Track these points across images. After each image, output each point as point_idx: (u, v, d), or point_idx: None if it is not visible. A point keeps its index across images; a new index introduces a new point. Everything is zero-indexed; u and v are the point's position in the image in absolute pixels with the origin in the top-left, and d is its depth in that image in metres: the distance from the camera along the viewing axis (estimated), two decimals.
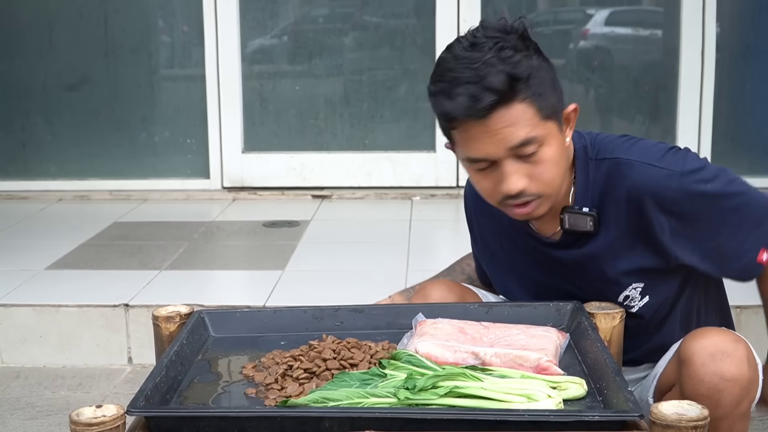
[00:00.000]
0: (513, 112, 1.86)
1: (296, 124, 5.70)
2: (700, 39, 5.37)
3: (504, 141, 1.87)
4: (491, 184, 1.96)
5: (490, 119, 1.86)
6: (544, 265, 2.18)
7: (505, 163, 1.90)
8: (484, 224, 2.31)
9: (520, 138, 1.87)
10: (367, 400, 1.60)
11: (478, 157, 1.92)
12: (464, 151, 1.95)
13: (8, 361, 3.70)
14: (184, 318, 1.98)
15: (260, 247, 4.62)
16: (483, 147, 1.90)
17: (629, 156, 2.02)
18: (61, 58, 5.69)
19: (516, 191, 1.92)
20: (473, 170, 1.98)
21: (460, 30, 5.41)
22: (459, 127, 1.91)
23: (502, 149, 1.89)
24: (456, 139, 1.96)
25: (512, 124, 1.87)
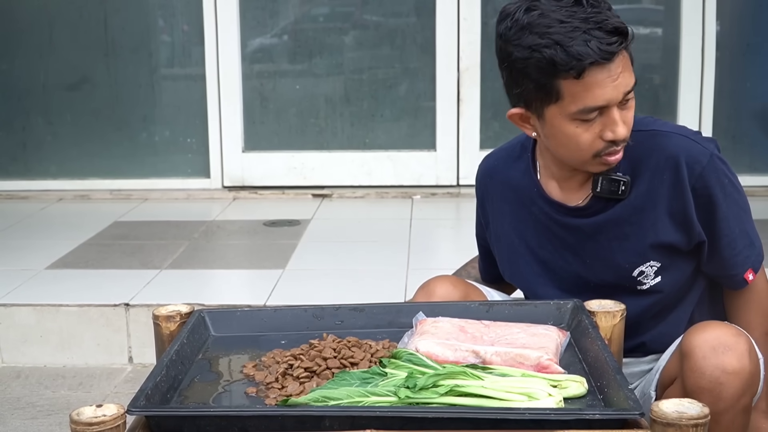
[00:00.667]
0: (625, 58, 1.98)
1: (297, 123, 5.70)
2: (700, 37, 5.37)
3: (623, 85, 1.97)
4: (593, 136, 2.01)
5: (613, 63, 1.95)
6: (557, 239, 2.20)
7: (614, 110, 1.98)
8: (495, 206, 2.33)
9: (633, 82, 2.00)
10: (367, 399, 1.60)
11: (597, 105, 1.97)
12: (582, 101, 1.97)
13: (8, 360, 3.70)
14: (185, 317, 1.98)
15: (261, 246, 4.62)
16: (606, 92, 1.96)
17: (667, 128, 2.13)
18: (62, 58, 5.69)
19: (625, 137, 2.00)
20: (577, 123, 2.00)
21: (461, 29, 5.41)
22: (583, 75, 1.94)
23: (621, 94, 1.97)
24: (570, 90, 1.97)
25: (627, 69, 1.98)
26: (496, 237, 2.34)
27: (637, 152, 2.10)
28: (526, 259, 2.27)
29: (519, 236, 2.27)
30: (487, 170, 2.37)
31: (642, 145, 2.10)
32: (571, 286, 2.20)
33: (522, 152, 2.28)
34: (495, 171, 2.33)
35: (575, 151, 2.05)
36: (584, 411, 1.56)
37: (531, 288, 2.29)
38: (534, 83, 2.01)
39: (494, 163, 2.35)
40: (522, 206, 2.25)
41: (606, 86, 1.95)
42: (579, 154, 2.05)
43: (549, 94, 2.00)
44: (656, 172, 2.08)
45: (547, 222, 2.21)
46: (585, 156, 2.04)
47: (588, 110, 1.97)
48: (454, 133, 5.52)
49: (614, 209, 2.12)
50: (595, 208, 2.14)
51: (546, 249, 2.23)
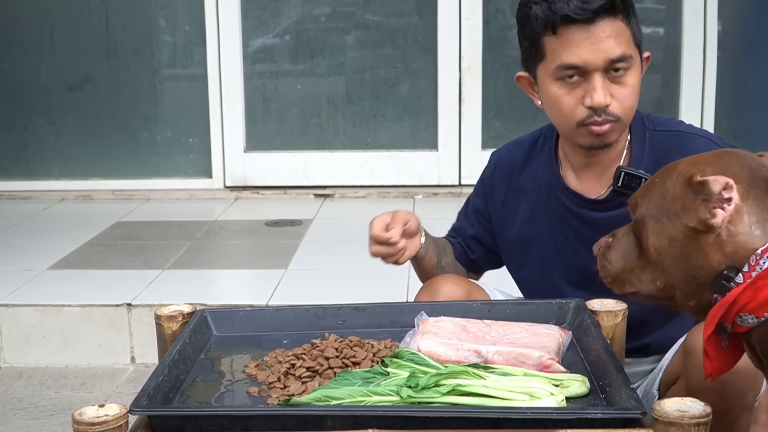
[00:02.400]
0: (616, 26, 1.99)
1: (298, 123, 5.70)
2: (702, 36, 5.37)
3: (605, 50, 1.98)
4: (575, 100, 2.03)
5: (596, 26, 1.97)
6: (571, 230, 2.20)
7: (596, 76, 2.00)
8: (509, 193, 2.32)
9: (620, 52, 1.99)
10: (369, 399, 1.60)
11: (574, 63, 2.00)
12: (559, 57, 2.02)
13: (11, 361, 3.70)
14: (187, 317, 1.98)
15: (263, 246, 4.62)
16: (583, 53, 1.99)
17: (692, 130, 2.15)
18: (63, 58, 5.69)
19: (603, 104, 2.01)
20: (559, 84, 2.04)
21: (462, 28, 5.42)
22: (560, 31, 1.99)
23: (601, 59, 1.99)
24: (551, 47, 2.03)
25: (614, 37, 1.99)
26: (503, 224, 2.33)
27: (660, 151, 2.11)
28: (535, 247, 2.27)
29: (532, 224, 2.27)
30: (507, 156, 2.35)
31: (666, 144, 2.11)
32: (579, 279, 2.20)
33: (544, 142, 2.29)
34: (515, 158, 2.32)
35: (560, 117, 2.08)
36: (586, 410, 1.55)
37: (537, 277, 2.29)
38: (528, 41, 2.09)
39: (516, 150, 2.34)
40: (539, 195, 2.25)
41: (582, 46, 1.99)
42: (564, 120, 2.08)
43: (537, 52, 2.07)
44: None
45: (563, 212, 2.21)
46: (570, 123, 2.07)
47: (563, 67, 2.01)
48: (455, 133, 5.52)
49: None
50: (614, 203, 2.14)
51: (558, 240, 2.23)
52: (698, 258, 1.52)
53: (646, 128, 2.17)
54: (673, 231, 1.53)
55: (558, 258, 2.24)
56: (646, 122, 2.18)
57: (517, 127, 5.22)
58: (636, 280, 1.62)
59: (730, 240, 1.49)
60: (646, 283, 1.61)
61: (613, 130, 2.06)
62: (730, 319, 1.49)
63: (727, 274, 1.50)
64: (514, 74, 2.22)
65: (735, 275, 1.49)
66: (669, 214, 1.54)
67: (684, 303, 1.58)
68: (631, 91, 2.04)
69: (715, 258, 1.50)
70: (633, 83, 2.04)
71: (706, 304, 1.53)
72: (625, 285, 1.65)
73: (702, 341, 1.86)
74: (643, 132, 2.16)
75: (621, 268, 1.65)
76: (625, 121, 2.07)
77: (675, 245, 1.53)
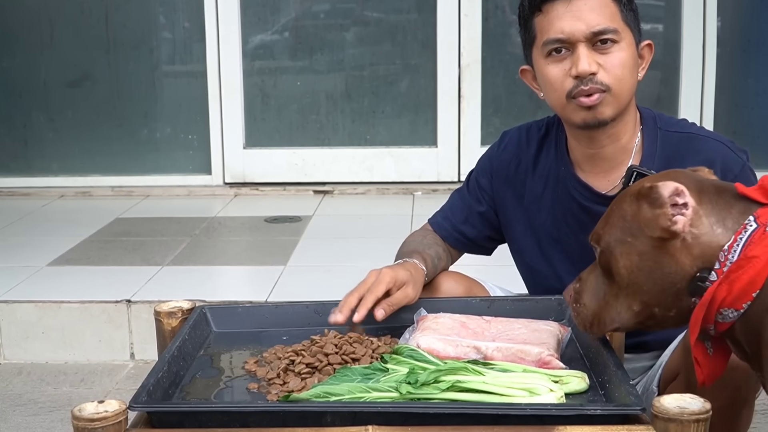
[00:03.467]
0: (603, 4, 2.04)
1: (298, 119, 5.70)
2: (701, 33, 5.37)
3: (585, 22, 2.02)
4: (562, 72, 2.07)
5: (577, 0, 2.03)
6: (576, 222, 2.20)
7: (581, 46, 2.04)
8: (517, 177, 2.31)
9: (602, 24, 2.03)
10: (369, 395, 1.60)
11: (557, 36, 2.05)
12: (546, 33, 2.07)
13: (10, 357, 3.70)
14: (186, 313, 1.98)
15: (262, 242, 4.62)
16: (565, 25, 2.04)
17: (704, 133, 2.17)
18: (63, 55, 5.69)
19: (587, 72, 2.03)
20: (547, 59, 2.09)
21: (461, 25, 5.41)
22: (545, 8, 2.06)
23: (582, 30, 2.03)
24: (539, 26, 2.09)
25: (596, 10, 2.04)
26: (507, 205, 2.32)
27: (672, 152, 2.12)
28: (538, 234, 2.27)
29: (536, 211, 2.26)
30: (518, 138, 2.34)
31: (678, 146, 2.12)
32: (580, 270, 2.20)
33: (550, 130, 2.29)
34: (526, 141, 2.32)
35: (552, 93, 2.10)
36: (585, 406, 1.56)
37: (537, 263, 2.29)
38: (522, 28, 2.16)
39: (527, 133, 2.33)
40: (547, 182, 2.25)
41: (564, 19, 2.04)
42: (555, 95, 2.09)
43: (529, 36, 2.13)
44: None
45: (570, 203, 2.20)
46: (561, 97, 2.08)
47: (550, 42, 2.06)
48: (455, 130, 5.52)
49: None
50: None
51: (561, 229, 2.22)
52: (670, 265, 1.55)
53: (658, 128, 2.16)
54: (640, 246, 1.58)
55: (560, 247, 2.24)
56: (658, 122, 2.18)
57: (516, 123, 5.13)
58: (614, 314, 1.65)
59: (696, 242, 1.54)
60: (623, 312, 1.63)
61: (604, 103, 2.05)
62: (711, 318, 1.53)
63: (700, 276, 1.54)
64: (513, 71, 2.24)
65: (708, 275, 1.53)
66: (632, 232, 1.58)
67: (665, 315, 1.60)
68: (620, 63, 2.05)
69: (686, 262, 1.54)
70: (622, 56, 2.05)
71: (686, 310, 1.57)
72: (606, 323, 1.67)
73: None
74: (654, 132, 2.16)
75: (596, 306, 1.68)
76: (617, 93, 2.06)
77: (645, 259, 1.57)
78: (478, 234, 2.38)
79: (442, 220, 2.40)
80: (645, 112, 2.19)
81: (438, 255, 2.29)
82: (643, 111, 2.19)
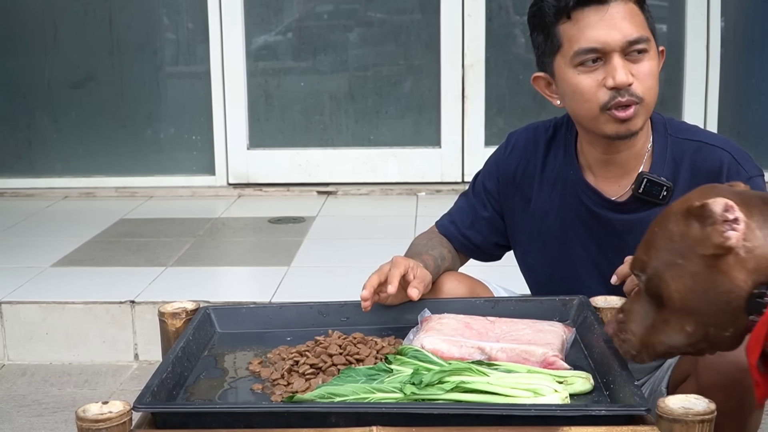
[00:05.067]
0: (629, 8, 2.01)
1: (301, 120, 5.70)
2: (705, 33, 5.37)
3: (622, 30, 1.99)
4: (596, 83, 2.02)
5: (610, 6, 1.99)
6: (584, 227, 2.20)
7: (616, 56, 2.00)
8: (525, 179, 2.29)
9: (637, 33, 2.00)
10: (373, 396, 1.60)
11: (592, 46, 2.01)
12: (576, 41, 2.02)
13: (14, 358, 3.70)
14: (190, 314, 1.98)
15: (266, 243, 4.62)
16: (600, 34, 2.00)
17: (714, 142, 2.14)
18: (66, 56, 5.69)
19: (625, 84, 2.00)
20: (578, 70, 2.04)
21: (465, 25, 5.41)
22: (574, 16, 2.01)
23: (619, 40, 1.99)
24: (566, 34, 2.03)
25: (629, 18, 2.00)
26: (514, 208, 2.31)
27: (680, 160, 2.11)
28: (544, 238, 2.26)
29: (544, 214, 2.25)
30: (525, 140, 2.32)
31: (685, 154, 2.11)
32: (585, 275, 2.20)
33: (558, 132, 2.27)
34: (534, 143, 2.30)
35: (582, 103, 2.06)
36: (590, 407, 1.56)
37: (542, 266, 2.28)
38: (542, 35, 2.09)
39: (534, 135, 2.31)
40: (554, 186, 2.24)
41: (599, 28, 2.00)
42: (586, 106, 2.05)
43: (553, 44, 2.07)
44: (693, 184, 2.05)
45: (578, 207, 2.20)
46: (593, 108, 2.04)
47: (583, 51, 2.02)
48: (458, 130, 5.52)
49: (651, 212, 2.09)
50: (632, 207, 2.13)
51: (568, 234, 2.22)
52: (725, 283, 1.50)
53: (668, 134, 2.15)
54: (692, 267, 1.52)
55: (566, 251, 2.23)
56: (669, 128, 2.17)
57: (519, 123, 5.13)
58: (664, 338, 1.59)
59: (750, 256, 1.49)
60: (675, 335, 1.58)
61: (638, 115, 2.04)
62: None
63: (758, 292, 1.48)
64: (517, 71, 2.23)
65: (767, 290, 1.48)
66: (683, 254, 1.53)
67: (720, 336, 1.55)
68: (650, 73, 2.03)
69: (740, 278, 1.49)
70: (652, 65, 2.03)
71: (743, 330, 1.52)
72: (655, 348, 1.62)
73: None
74: (665, 138, 2.15)
75: (644, 332, 1.62)
76: (648, 104, 2.05)
77: (699, 280, 1.52)
78: (483, 240, 2.37)
79: (449, 223, 2.40)
80: (655, 117, 2.18)
81: (442, 255, 2.29)
82: (654, 116, 2.17)
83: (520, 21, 5.40)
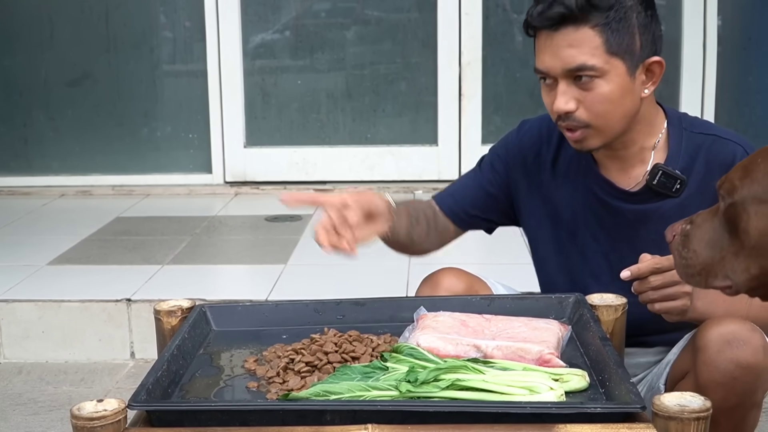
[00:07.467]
0: (579, 35, 1.99)
1: (298, 118, 5.70)
2: (702, 31, 5.37)
3: (562, 60, 2.00)
4: (550, 101, 2.06)
5: (557, 34, 2.00)
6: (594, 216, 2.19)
7: (561, 83, 2.02)
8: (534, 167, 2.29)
9: (577, 62, 1.99)
10: (368, 393, 1.60)
11: (539, 68, 2.05)
12: (535, 59, 2.07)
13: (10, 356, 3.70)
14: (186, 312, 1.98)
15: (262, 241, 4.62)
16: (545, 60, 2.03)
17: (727, 136, 2.14)
18: (63, 54, 5.69)
19: (561, 111, 2.02)
20: (542, 84, 2.09)
21: (462, 23, 5.41)
22: (536, 35, 2.06)
23: (558, 67, 2.01)
24: (535, 51, 2.09)
25: (574, 46, 1.99)
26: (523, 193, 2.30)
27: (695, 153, 2.11)
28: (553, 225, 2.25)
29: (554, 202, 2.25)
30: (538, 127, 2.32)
31: (701, 148, 2.12)
32: (593, 266, 2.20)
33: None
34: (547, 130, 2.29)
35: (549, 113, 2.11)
36: (586, 404, 1.55)
37: (550, 254, 2.28)
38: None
39: (548, 123, 2.29)
40: (566, 175, 2.23)
41: (544, 53, 2.03)
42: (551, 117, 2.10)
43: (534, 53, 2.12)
44: (707, 177, 2.09)
45: (589, 197, 2.19)
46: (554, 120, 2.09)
47: (537, 71, 2.07)
48: (455, 128, 5.52)
49: (662, 203, 2.11)
50: (644, 197, 2.13)
51: (578, 223, 2.21)
52: None
53: (683, 129, 2.15)
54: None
55: (576, 241, 2.22)
56: (683, 122, 2.17)
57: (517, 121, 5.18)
58: (728, 271, 1.48)
59: None
60: (739, 273, 1.47)
61: (588, 137, 2.04)
62: None
63: None
64: (514, 69, 2.24)
65: None
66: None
67: None
68: (601, 99, 2.00)
69: None
70: (605, 92, 2.00)
71: None
72: (717, 277, 1.50)
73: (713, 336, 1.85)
74: (680, 132, 2.15)
75: (709, 257, 1.51)
76: (599, 127, 2.03)
77: None
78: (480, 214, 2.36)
79: (447, 195, 2.39)
80: (670, 111, 2.18)
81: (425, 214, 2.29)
82: (668, 110, 2.18)
83: (517, 19, 5.40)
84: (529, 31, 2.08)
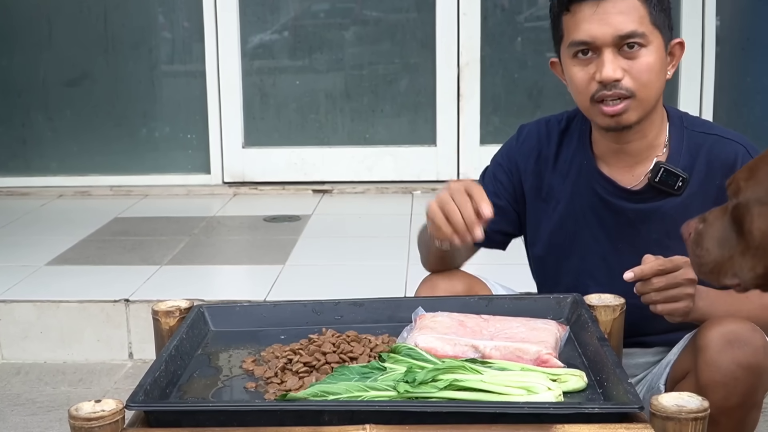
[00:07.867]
0: (628, 3, 2.03)
1: (297, 118, 5.70)
2: (700, 32, 5.37)
3: (612, 26, 2.01)
4: (587, 75, 2.06)
5: (606, 2, 2.01)
6: (595, 216, 2.19)
7: (606, 51, 2.02)
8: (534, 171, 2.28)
9: (629, 28, 2.02)
10: (366, 394, 1.60)
11: (582, 39, 2.04)
12: (572, 34, 2.06)
13: (9, 357, 3.70)
14: (184, 312, 1.98)
15: (261, 241, 4.62)
16: (591, 28, 2.02)
17: (729, 136, 2.15)
18: (62, 54, 5.69)
19: (611, 78, 2.02)
20: (573, 60, 2.08)
21: (461, 24, 5.41)
22: (573, 8, 2.05)
23: (609, 34, 2.01)
24: (567, 25, 2.08)
25: (624, 13, 2.02)
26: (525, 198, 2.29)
27: (697, 152, 2.12)
28: (553, 227, 2.24)
29: (554, 204, 2.24)
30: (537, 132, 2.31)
31: (702, 147, 2.12)
32: (592, 267, 2.19)
33: (569, 124, 2.27)
34: (546, 134, 2.29)
35: (577, 94, 2.10)
36: (583, 405, 1.55)
37: (550, 257, 2.27)
38: (552, 24, 2.14)
39: (546, 127, 2.30)
40: (567, 176, 2.23)
41: (591, 22, 2.02)
42: (580, 97, 2.09)
43: (558, 33, 2.12)
44: (709, 176, 2.09)
45: (591, 197, 2.19)
46: (585, 99, 2.08)
47: (576, 44, 2.05)
48: (454, 129, 5.52)
49: (664, 202, 2.11)
50: (646, 196, 2.14)
51: (579, 223, 2.21)
52: None
53: (684, 127, 2.16)
54: None
55: (575, 241, 2.22)
56: (684, 121, 2.18)
57: (515, 122, 5.14)
58: (737, 269, 1.52)
59: None
60: (746, 271, 1.50)
61: (629, 109, 2.04)
62: None
63: None
64: (512, 69, 2.24)
65: None
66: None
67: None
68: (647, 68, 2.03)
69: None
70: (649, 61, 2.03)
71: None
72: (727, 275, 1.54)
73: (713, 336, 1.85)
74: (681, 130, 2.16)
75: (719, 256, 1.55)
76: (642, 98, 2.05)
77: None
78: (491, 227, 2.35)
79: None
80: (671, 110, 2.19)
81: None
82: (669, 109, 2.19)
83: (515, 19, 5.41)
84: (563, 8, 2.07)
